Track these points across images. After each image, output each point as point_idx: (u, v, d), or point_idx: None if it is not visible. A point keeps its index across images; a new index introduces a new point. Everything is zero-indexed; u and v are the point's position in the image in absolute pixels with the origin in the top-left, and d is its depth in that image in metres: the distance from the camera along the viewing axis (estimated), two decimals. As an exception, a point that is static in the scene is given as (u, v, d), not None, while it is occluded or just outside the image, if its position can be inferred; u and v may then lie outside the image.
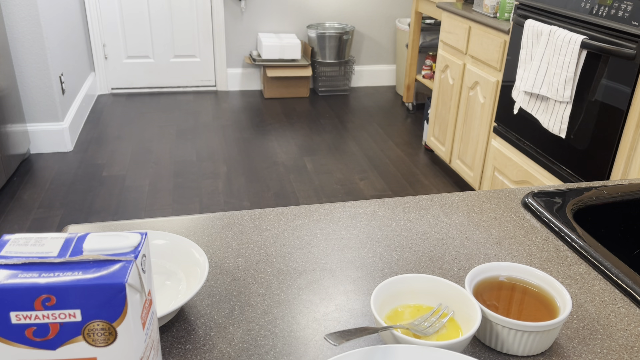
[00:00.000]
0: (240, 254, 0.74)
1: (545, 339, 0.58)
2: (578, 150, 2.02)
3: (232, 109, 4.14)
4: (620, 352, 0.59)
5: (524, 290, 0.63)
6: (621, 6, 1.79)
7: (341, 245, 0.77)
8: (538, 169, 2.27)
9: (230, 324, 0.62)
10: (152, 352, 0.45)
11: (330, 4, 4.47)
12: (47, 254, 0.41)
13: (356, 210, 0.87)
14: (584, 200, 0.89)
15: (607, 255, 0.74)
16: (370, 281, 0.70)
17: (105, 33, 4.21)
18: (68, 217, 2.65)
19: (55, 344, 0.40)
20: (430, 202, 0.90)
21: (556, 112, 2.06)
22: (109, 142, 3.49)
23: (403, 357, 0.53)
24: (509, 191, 0.94)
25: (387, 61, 4.76)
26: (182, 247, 0.69)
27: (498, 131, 2.54)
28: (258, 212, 0.85)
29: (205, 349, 0.58)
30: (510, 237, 0.80)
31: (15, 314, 0.39)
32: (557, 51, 1.98)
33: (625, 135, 1.81)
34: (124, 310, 0.39)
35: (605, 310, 0.66)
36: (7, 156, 2.87)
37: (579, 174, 2.04)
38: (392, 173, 3.24)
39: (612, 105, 1.84)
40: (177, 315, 0.63)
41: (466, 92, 2.88)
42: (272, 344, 0.59)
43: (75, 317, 0.39)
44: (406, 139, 3.73)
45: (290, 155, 3.40)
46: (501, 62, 2.53)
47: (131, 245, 0.42)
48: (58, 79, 3.25)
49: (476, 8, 2.82)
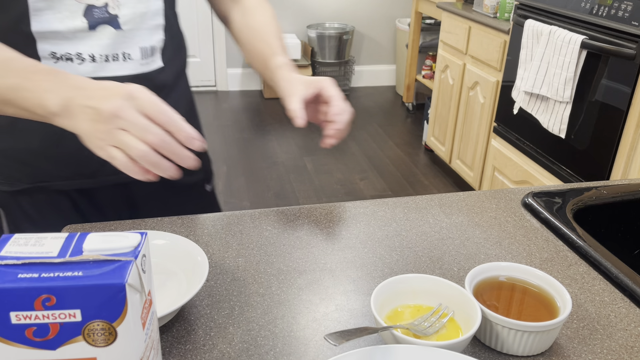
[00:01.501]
0: (240, 254, 0.74)
1: (545, 339, 0.58)
2: (578, 150, 2.02)
3: (232, 109, 4.14)
4: (620, 352, 0.59)
5: (524, 290, 0.63)
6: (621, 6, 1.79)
7: (341, 245, 0.77)
8: (538, 169, 2.27)
9: (230, 324, 0.62)
10: (152, 352, 0.45)
11: (330, 4, 4.47)
12: (47, 254, 0.41)
13: (356, 210, 0.87)
14: (584, 200, 0.89)
15: (607, 256, 0.74)
16: (370, 281, 0.70)
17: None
18: (68, 217, 2.65)
19: (55, 344, 0.40)
20: (430, 202, 0.90)
21: (556, 112, 2.06)
22: (108, 142, 3.49)
23: (403, 357, 0.53)
24: (509, 191, 0.94)
25: (387, 61, 4.76)
26: (182, 247, 0.69)
27: (498, 131, 2.54)
28: (258, 212, 0.85)
29: (205, 349, 0.58)
30: (510, 237, 0.80)
31: (15, 314, 0.39)
32: (557, 51, 1.98)
33: (625, 135, 1.81)
34: (124, 310, 0.39)
35: (605, 311, 0.66)
36: (7, 156, 2.86)
37: (579, 174, 2.04)
38: (392, 173, 3.24)
39: (612, 105, 1.84)
40: (177, 315, 0.63)
41: (466, 92, 2.88)
42: (272, 344, 0.59)
43: (75, 317, 0.39)
44: (406, 139, 3.73)
45: (290, 155, 3.40)
46: (501, 62, 2.53)
47: (131, 246, 0.42)
48: (58, 79, 3.24)
49: (476, 8, 2.82)
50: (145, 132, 0.60)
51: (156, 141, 0.60)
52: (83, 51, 0.79)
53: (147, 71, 0.85)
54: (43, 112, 0.64)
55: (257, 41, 0.94)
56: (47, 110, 0.63)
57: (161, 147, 0.60)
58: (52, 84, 0.64)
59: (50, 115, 0.63)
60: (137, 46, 0.83)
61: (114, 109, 0.60)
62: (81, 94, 0.62)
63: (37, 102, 0.64)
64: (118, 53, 0.82)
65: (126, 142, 0.59)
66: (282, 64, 0.87)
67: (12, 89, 0.65)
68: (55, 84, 0.64)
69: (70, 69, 0.79)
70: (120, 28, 0.81)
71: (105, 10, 0.79)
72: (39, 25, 0.76)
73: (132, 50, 0.83)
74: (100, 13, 0.79)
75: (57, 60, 0.78)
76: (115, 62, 0.82)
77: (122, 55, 0.82)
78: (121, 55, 0.82)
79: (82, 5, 0.77)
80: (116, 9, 0.80)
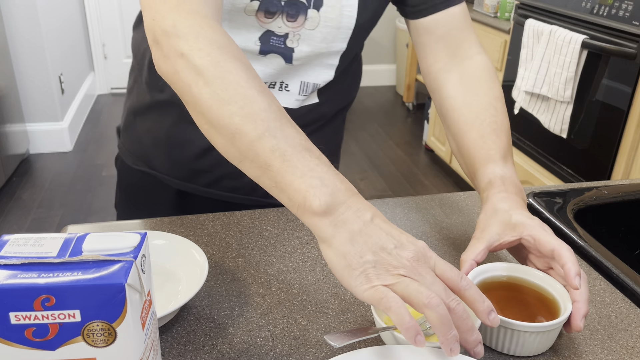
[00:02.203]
0: (240, 254, 0.74)
1: (545, 339, 0.58)
2: (579, 150, 2.02)
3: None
4: (620, 353, 0.59)
5: (525, 290, 0.63)
6: (622, 6, 1.78)
7: (341, 245, 0.77)
8: (539, 169, 2.26)
9: (230, 325, 0.62)
10: (152, 352, 0.45)
11: (330, 4, 4.47)
12: (46, 254, 0.41)
13: (356, 210, 0.86)
14: (584, 200, 0.89)
15: (608, 256, 0.74)
16: (371, 281, 0.70)
17: (105, 33, 4.20)
18: (67, 217, 2.65)
19: (55, 345, 0.40)
20: (431, 202, 0.90)
21: (557, 112, 2.06)
22: (108, 142, 3.49)
23: (404, 358, 0.52)
24: (510, 191, 0.93)
25: (387, 61, 4.76)
26: (181, 247, 0.69)
27: (498, 131, 2.54)
28: (258, 212, 0.85)
29: (205, 349, 0.58)
30: (510, 237, 0.80)
31: (14, 314, 0.39)
32: (558, 51, 1.98)
33: (626, 135, 1.81)
34: (124, 311, 0.39)
35: (605, 311, 0.66)
36: (7, 156, 2.87)
37: (579, 174, 2.04)
38: (392, 173, 3.24)
39: (613, 105, 1.84)
40: (177, 316, 0.63)
41: (466, 92, 2.88)
42: (272, 345, 0.59)
43: (74, 317, 0.39)
44: (406, 138, 3.73)
45: (290, 155, 3.39)
46: (502, 62, 2.53)
47: (131, 246, 0.42)
48: (57, 79, 3.25)
49: (476, 8, 2.82)
50: (434, 286, 0.49)
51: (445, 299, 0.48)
52: None
53: (298, 106, 0.81)
54: (299, 202, 0.51)
55: (472, 132, 0.72)
56: (306, 201, 0.51)
57: (450, 308, 0.48)
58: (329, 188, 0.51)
59: (306, 209, 0.51)
60: (299, 80, 0.78)
61: (412, 251, 0.50)
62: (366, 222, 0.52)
63: (298, 187, 0.51)
64: (276, 82, 0.78)
65: (412, 286, 0.48)
66: (495, 180, 0.67)
67: (275, 156, 0.52)
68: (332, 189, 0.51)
69: None
70: (290, 62, 0.76)
71: (283, 40, 0.74)
72: None
73: (292, 82, 0.78)
74: (277, 42, 0.74)
75: None
76: (270, 90, 0.72)
77: (280, 85, 0.78)
78: (279, 84, 0.78)
79: (263, 28, 0.73)
80: (295, 42, 0.74)
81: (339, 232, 0.50)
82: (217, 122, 0.54)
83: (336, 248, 0.50)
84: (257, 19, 0.72)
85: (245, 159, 0.54)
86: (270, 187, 0.54)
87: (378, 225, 0.51)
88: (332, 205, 0.51)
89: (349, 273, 0.49)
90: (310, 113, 0.84)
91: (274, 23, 0.73)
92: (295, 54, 0.76)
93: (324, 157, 0.54)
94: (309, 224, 0.52)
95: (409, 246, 0.51)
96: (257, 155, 0.53)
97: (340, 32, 0.76)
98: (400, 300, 0.48)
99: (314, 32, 0.75)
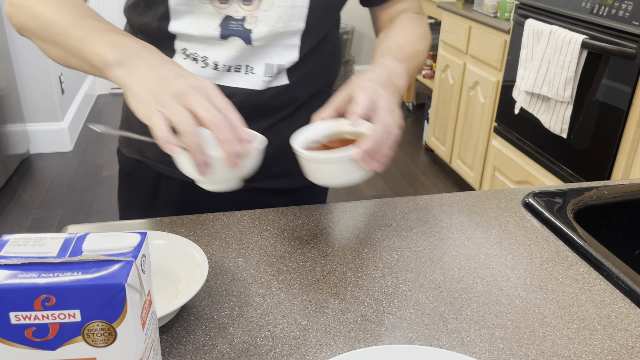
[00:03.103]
0: (240, 254, 0.74)
1: (339, 169, 0.67)
2: (579, 150, 2.02)
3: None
4: (621, 353, 0.59)
5: (353, 140, 0.71)
6: (622, 6, 1.78)
7: (341, 245, 0.77)
8: (538, 169, 2.27)
9: (230, 325, 0.62)
10: (152, 352, 0.45)
11: (330, 4, 4.47)
12: (46, 254, 0.41)
13: (356, 210, 0.87)
14: (584, 200, 0.89)
15: (607, 256, 0.74)
16: (371, 281, 0.70)
17: (105, 33, 4.20)
18: (68, 217, 2.65)
19: (55, 345, 0.40)
20: (430, 202, 0.90)
21: (557, 112, 2.06)
22: (108, 142, 3.49)
23: (404, 357, 0.52)
24: (510, 191, 0.93)
25: (387, 61, 4.76)
26: (181, 247, 0.69)
27: (498, 131, 2.54)
28: (258, 212, 0.85)
29: (205, 349, 0.58)
30: (510, 237, 0.80)
31: (14, 314, 0.39)
32: (558, 51, 1.98)
33: (626, 135, 1.81)
34: (124, 311, 0.39)
35: (605, 311, 0.66)
36: (7, 156, 2.87)
37: (579, 174, 2.04)
38: (392, 173, 3.24)
39: (612, 105, 1.84)
40: (177, 316, 0.63)
41: (466, 92, 2.88)
42: (272, 345, 0.59)
43: (74, 317, 0.39)
44: (406, 139, 3.73)
45: (291, 155, 3.40)
46: (502, 62, 2.53)
47: (131, 246, 0.42)
48: (57, 79, 3.25)
49: (476, 8, 2.82)
50: (200, 107, 0.58)
51: (209, 117, 0.58)
52: (209, 57, 0.80)
53: (265, 87, 0.83)
54: (99, 63, 0.64)
55: (386, 40, 0.85)
56: (103, 60, 0.63)
57: (213, 124, 0.58)
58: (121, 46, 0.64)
59: (105, 66, 0.63)
60: (263, 62, 0.82)
61: (183, 85, 0.59)
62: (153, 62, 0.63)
63: (95, 50, 0.64)
64: (242, 65, 0.81)
65: (173, 107, 0.58)
66: (377, 65, 0.76)
67: (81, 40, 0.66)
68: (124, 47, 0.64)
69: (193, 68, 0.81)
70: (250, 43, 0.79)
71: (241, 23, 0.78)
72: (175, 27, 0.79)
73: (256, 65, 0.81)
74: (236, 25, 0.78)
75: (186, 57, 0.81)
76: (237, 74, 0.81)
77: (245, 68, 0.81)
78: (244, 68, 0.81)
79: (222, 15, 0.77)
80: (252, 24, 0.78)
81: (132, 76, 0.62)
82: (49, 38, 0.70)
83: (133, 91, 0.61)
84: (213, 6, 0.77)
85: (68, 55, 0.69)
86: (81, 64, 0.68)
87: (166, 67, 0.62)
88: (124, 58, 0.63)
89: (136, 103, 0.60)
90: (281, 95, 0.85)
91: (231, 8, 0.77)
92: (253, 35, 0.79)
93: (124, 32, 0.68)
94: (112, 78, 0.64)
95: (191, 79, 0.60)
96: (70, 46, 0.68)
97: (295, 10, 0.79)
98: (164, 124, 0.57)
99: (269, 12, 0.78)
